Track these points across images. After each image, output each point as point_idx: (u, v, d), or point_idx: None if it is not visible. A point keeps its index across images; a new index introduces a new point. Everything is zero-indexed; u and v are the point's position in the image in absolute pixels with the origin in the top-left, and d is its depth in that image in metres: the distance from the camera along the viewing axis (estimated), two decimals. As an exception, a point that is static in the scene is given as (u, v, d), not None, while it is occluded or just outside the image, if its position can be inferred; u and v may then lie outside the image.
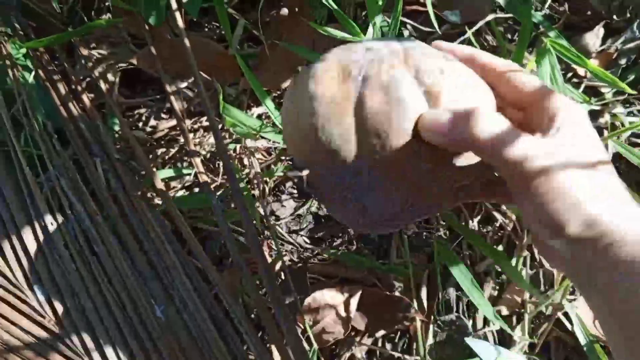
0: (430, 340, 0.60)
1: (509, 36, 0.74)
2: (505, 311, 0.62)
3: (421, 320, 0.59)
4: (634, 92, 0.63)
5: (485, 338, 0.61)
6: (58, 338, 0.60)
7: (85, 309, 0.60)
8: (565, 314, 0.58)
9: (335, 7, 0.61)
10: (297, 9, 0.70)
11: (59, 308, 0.60)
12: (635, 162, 0.51)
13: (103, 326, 0.60)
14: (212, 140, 0.68)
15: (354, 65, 0.32)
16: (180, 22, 0.59)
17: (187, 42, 0.58)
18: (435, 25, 0.62)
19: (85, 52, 0.71)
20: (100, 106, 0.70)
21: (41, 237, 0.62)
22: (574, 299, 0.61)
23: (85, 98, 0.69)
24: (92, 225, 0.63)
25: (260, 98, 0.60)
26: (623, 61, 0.72)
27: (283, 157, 0.66)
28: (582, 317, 0.58)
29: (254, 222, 0.61)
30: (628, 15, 0.74)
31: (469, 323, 0.61)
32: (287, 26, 0.69)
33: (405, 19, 0.68)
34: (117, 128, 0.68)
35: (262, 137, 0.65)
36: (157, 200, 0.65)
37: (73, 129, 0.67)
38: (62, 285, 0.61)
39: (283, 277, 0.62)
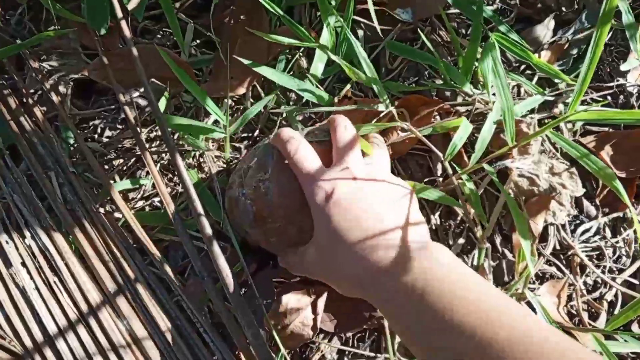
0: (399, 338, 0.60)
1: (463, 31, 0.75)
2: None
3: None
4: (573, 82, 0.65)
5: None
6: (19, 358, 0.58)
7: (47, 327, 0.59)
8: (528, 303, 0.59)
9: (282, 13, 0.61)
10: (247, 14, 0.70)
11: (20, 328, 0.59)
12: (572, 154, 0.52)
13: (66, 344, 0.58)
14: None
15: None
16: (126, 31, 0.58)
17: (134, 50, 0.57)
18: (377, 24, 0.62)
19: (35, 64, 0.69)
20: (54, 119, 0.68)
21: (-3, 257, 0.60)
22: (536, 288, 0.62)
23: (38, 111, 0.68)
24: (50, 241, 0.61)
25: (199, 99, 0.60)
26: (574, 51, 0.74)
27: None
28: (544, 306, 0.59)
29: (220, 227, 0.61)
30: (576, 6, 0.75)
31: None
32: (241, 30, 0.69)
33: (358, 18, 0.68)
34: (71, 141, 0.67)
35: (219, 144, 0.65)
36: (117, 213, 0.63)
37: (25, 143, 0.65)
38: (21, 304, 0.59)
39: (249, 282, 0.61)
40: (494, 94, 0.64)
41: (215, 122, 0.66)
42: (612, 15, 0.49)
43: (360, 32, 0.71)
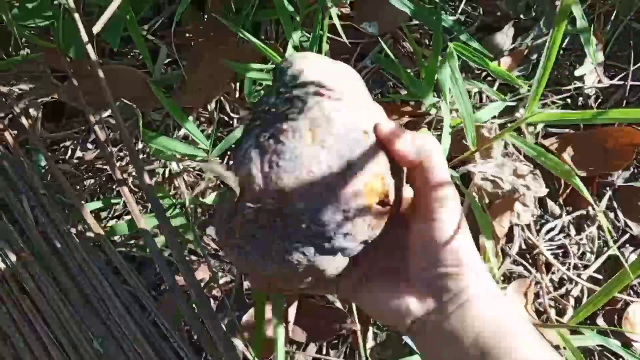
0: (370, 343, 0.62)
1: (427, 41, 0.77)
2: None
3: (359, 327, 0.61)
4: (528, 86, 0.67)
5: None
6: (-6, 383, 0.58)
7: (18, 350, 0.59)
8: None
9: (249, 36, 0.62)
10: (213, 31, 0.71)
11: (-6, 352, 0.59)
12: (530, 154, 0.54)
13: (41, 366, 0.59)
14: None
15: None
16: (92, 54, 0.59)
17: (100, 72, 0.58)
18: (345, 38, 0.64)
19: (4, 89, 0.70)
20: (25, 142, 0.69)
21: (-31, 282, 0.61)
22: (504, 287, 0.64)
23: (8, 135, 0.68)
24: (21, 264, 0.62)
25: (179, 121, 0.60)
26: (534, 57, 0.76)
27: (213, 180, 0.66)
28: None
29: (188, 245, 0.62)
30: (533, 13, 0.78)
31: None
32: (207, 47, 0.70)
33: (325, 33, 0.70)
34: (43, 163, 0.68)
35: (189, 159, 0.65)
36: (89, 233, 0.64)
37: (-4, 168, 0.66)
38: (-5, 328, 0.60)
39: (221, 296, 0.62)
40: (452, 102, 0.66)
41: (186, 137, 0.67)
42: (565, 18, 0.50)
43: (326, 47, 0.73)
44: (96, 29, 0.57)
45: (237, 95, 0.70)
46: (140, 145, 0.69)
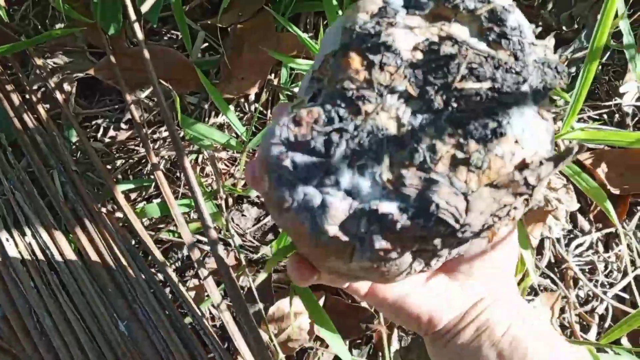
0: (395, 345, 0.61)
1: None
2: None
3: (385, 329, 0.60)
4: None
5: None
6: (15, 358, 0.58)
7: (44, 326, 0.59)
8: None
9: (295, 28, 0.61)
10: (255, 19, 0.70)
11: (17, 326, 0.59)
12: (566, 172, 0.54)
13: (64, 344, 0.58)
14: (172, 149, 0.67)
15: None
16: (139, 33, 0.58)
17: (146, 52, 0.57)
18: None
19: (39, 61, 0.69)
20: (56, 117, 0.68)
21: (-4, 254, 0.60)
22: (531, 300, 0.64)
23: (41, 109, 0.67)
24: (50, 240, 0.61)
25: (221, 110, 0.60)
26: (573, 69, 0.76)
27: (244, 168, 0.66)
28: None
29: (219, 233, 0.61)
30: (576, 25, 0.77)
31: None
32: (247, 34, 0.70)
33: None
34: (74, 139, 0.67)
35: (224, 148, 0.65)
36: (118, 213, 0.63)
37: (28, 140, 0.65)
38: (20, 302, 0.59)
39: (248, 286, 0.62)
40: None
41: (220, 124, 0.67)
42: (604, 37, 0.50)
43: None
44: (145, 7, 0.56)
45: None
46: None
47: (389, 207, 0.25)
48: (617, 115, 0.74)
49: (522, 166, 0.26)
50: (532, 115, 0.27)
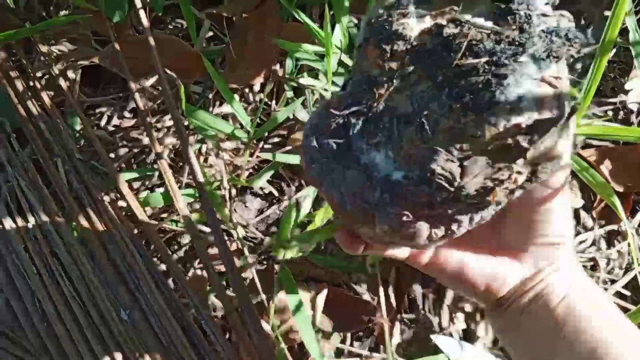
0: (397, 338, 0.61)
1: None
2: (468, 308, 0.64)
3: (387, 322, 0.60)
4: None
5: (451, 334, 0.62)
6: (17, 344, 0.58)
7: (46, 313, 0.59)
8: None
9: (304, 16, 0.61)
10: (260, 8, 0.70)
11: (19, 312, 0.59)
12: (573, 168, 0.54)
13: (66, 331, 0.58)
14: (176, 138, 0.67)
15: None
16: (144, 20, 0.58)
17: (151, 40, 0.57)
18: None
19: (44, 48, 0.69)
20: (60, 104, 0.68)
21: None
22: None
23: (45, 96, 0.67)
24: (53, 227, 0.61)
25: (226, 99, 0.59)
26: (579, 66, 0.75)
27: (249, 159, 0.66)
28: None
29: (222, 224, 0.61)
30: (582, 22, 0.77)
31: (435, 320, 0.63)
32: (253, 24, 0.69)
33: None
34: (78, 127, 0.67)
35: (228, 138, 0.65)
36: (121, 202, 0.63)
37: (32, 127, 0.65)
38: (23, 289, 0.59)
39: (250, 277, 0.62)
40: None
41: (224, 114, 0.66)
42: (617, 30, 0.50)
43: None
44: (150, -4, 0.56)
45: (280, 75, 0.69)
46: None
47: (398, 177, 0.30)
48: (622, 112, 0.74)
49: (516, 131, 0.28)
50: (532, 84, 0.28)
